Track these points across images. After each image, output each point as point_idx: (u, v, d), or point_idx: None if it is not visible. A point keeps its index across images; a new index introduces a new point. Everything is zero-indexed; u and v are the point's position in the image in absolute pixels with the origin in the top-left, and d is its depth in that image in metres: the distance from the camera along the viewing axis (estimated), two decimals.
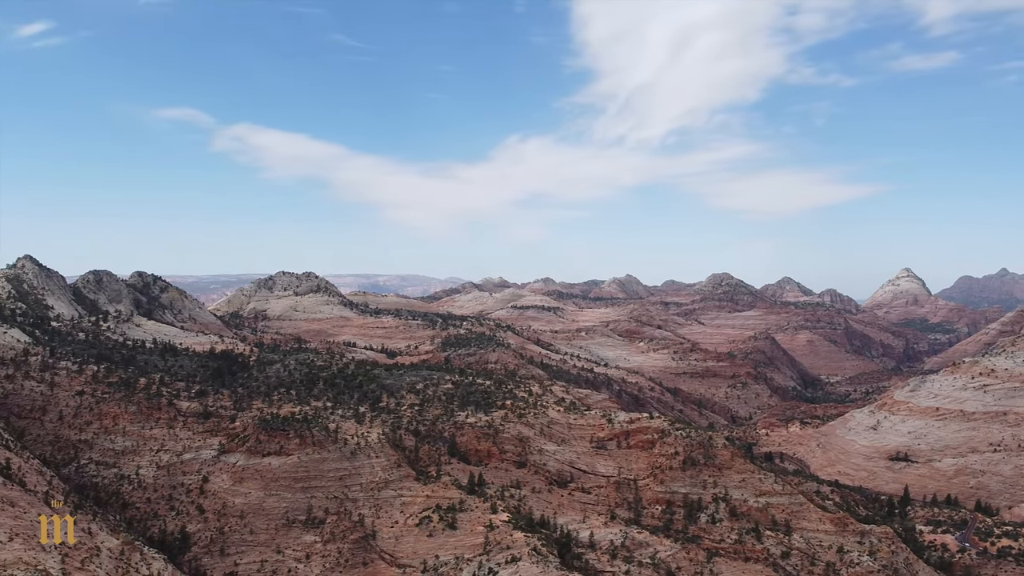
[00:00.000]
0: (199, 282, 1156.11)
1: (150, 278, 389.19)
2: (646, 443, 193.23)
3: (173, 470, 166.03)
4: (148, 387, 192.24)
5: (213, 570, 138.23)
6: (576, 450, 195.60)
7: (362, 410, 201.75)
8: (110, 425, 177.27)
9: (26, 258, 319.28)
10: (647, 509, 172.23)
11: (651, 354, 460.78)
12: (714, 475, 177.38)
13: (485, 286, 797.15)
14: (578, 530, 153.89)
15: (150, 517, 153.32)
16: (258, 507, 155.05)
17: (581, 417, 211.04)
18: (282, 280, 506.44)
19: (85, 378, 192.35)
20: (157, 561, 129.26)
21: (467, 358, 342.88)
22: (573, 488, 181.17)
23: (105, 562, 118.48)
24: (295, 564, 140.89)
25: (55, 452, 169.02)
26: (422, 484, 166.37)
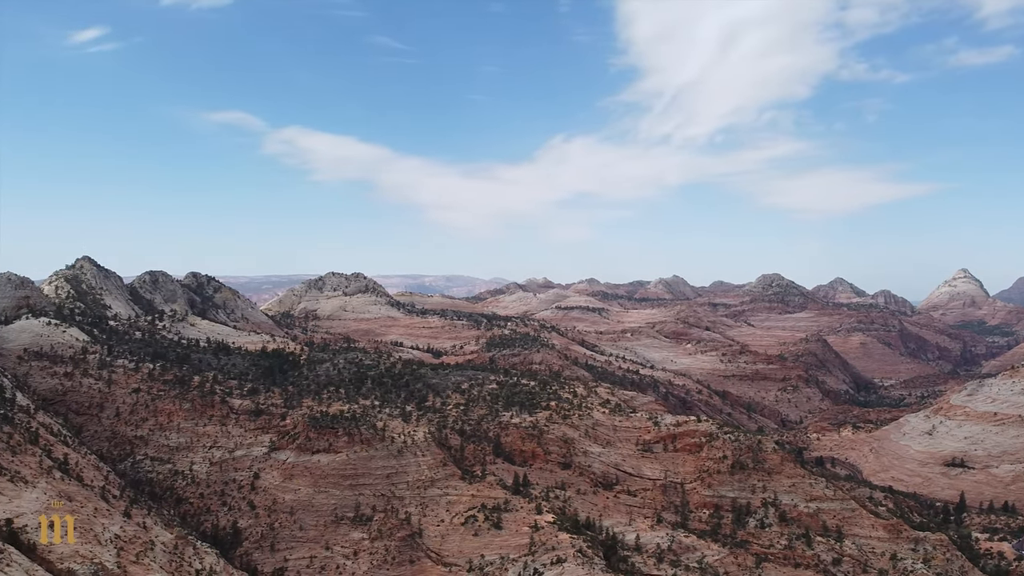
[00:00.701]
0: (251, 282, 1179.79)
1: (204, 278, 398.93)
2: (693, 446, 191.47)
3: (225, 466, 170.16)
4: (202, 385, 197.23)
5: (264, 565, 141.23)
6: (622, 452, 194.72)
7: (409, 409, 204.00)
8: (165, 422, 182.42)
9: (84, 259, 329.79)
10: (694, 513, 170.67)
11: (699, 356, 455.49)
12: (763, 479, 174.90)
13: (529, 287, 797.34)
14: (624, 533, 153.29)
15: (203, 512, 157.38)
16: (307, 504, 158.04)
17: (627, 419, 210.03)
18: (331, 280, 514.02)
19: (141, 376, 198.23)
20: (209, 556, 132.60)
21: (511, 358, 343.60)
22: (619, 491, 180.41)
23: (159, 556, 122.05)
24: (343, 561, 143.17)
25: (112, 448, 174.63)
26: (467, 483, 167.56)
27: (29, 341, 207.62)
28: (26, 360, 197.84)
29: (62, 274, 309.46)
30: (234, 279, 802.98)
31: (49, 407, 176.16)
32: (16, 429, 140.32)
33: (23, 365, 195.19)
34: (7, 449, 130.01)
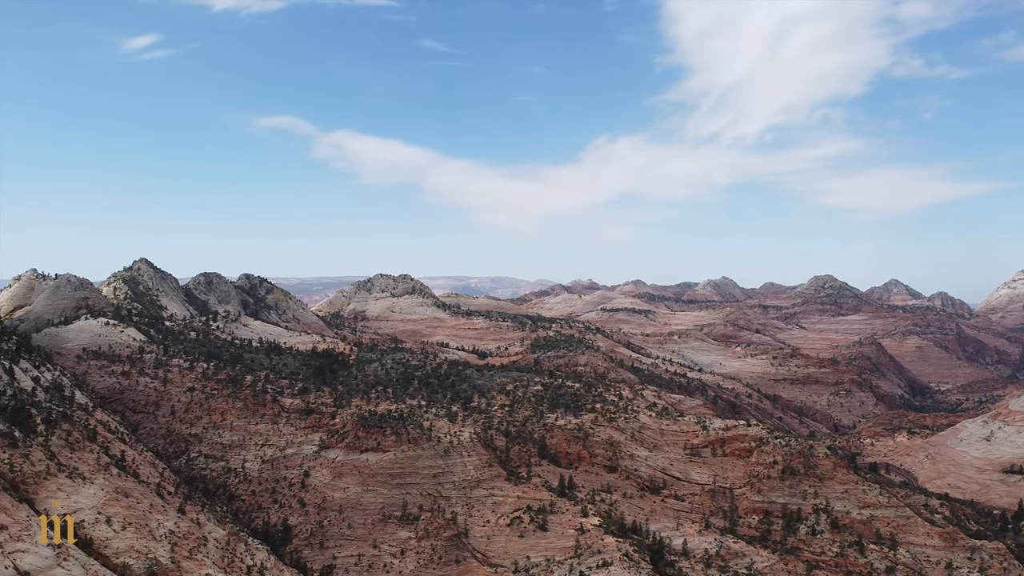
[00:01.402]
0: (302, 284, 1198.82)
1: (256, 280, 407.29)
2: (743, 451, 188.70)
3: (276, 464, 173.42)
4: (254, 384, 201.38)
5: (313, 562, 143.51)
6: (669, 456, 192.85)
7: (454, 409, 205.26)
8: (218, 420, 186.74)
9: (142, 261, 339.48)
10: (743, 519, 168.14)
11: (748, 359, 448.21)
12: (815, 485, 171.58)
13: (574, 288, 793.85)
14: (671, 537, 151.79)
15: (254, 509, 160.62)
16: (356, 502, 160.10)
17: (674, 423, 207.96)
18: (380, 282, 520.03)
19: (196, 375, 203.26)
20: (260, 552, 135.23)
21: (556, 360, 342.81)
22: (666, 495, 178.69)
23: (212, 552, 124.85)
24: (391, 559, 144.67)
25: (167, 445, 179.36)
26: (513, 484, 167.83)
27: (88, 341, 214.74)
28: (85, 359, 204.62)
29: (120, 275, 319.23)
30: (286, 280, 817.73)
31: (107, 405, 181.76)
32: (75, 427, 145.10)
33: (82, 364, 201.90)
34: (66, 446, 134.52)
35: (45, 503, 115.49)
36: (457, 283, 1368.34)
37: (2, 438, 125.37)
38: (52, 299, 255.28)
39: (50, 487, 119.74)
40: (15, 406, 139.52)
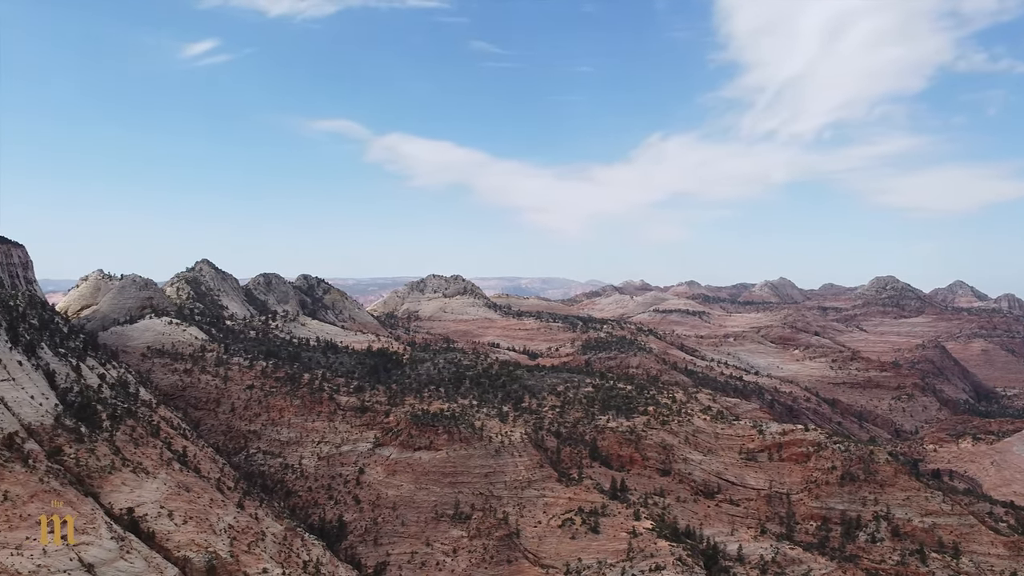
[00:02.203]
0: (358, 284, 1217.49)
1: (314, 280, 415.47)
2: (800, 456, 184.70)
3: (332, 461, 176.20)
4: (311, 382, 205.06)
5: (367, 558, 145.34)
6: (724, 460, 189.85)
7: (505, 409, 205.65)
8: (277, 417, 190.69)
9: (203, 261, 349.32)
10: (800, 525, 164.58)
11: (807, 362, 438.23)
12: (875, 492, 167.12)
13: (626, 289, 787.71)
14: (725, 543, 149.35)
15: (311, 505, 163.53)
16: (409, 500, 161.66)
17: (729, 427, 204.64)
18: (432, 283, 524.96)
19: (255, 373, 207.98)
20: (316, 548, 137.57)
21: (607, 362, 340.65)
22: (720, 499, 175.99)
23: (269, 546, 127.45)
24: (443, 558, 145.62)
25: (227, 441, 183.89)
26: (564, 486, 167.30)
27: (152, 339, 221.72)
28: (149, 357, 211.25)
29: (183, 276, 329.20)
30: (342, 281, 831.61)
31: (170, 402, 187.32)
32: (139, 422, 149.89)
33: (146, 362, 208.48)
34: (130, 441, 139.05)
35: (110, 497, 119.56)
36: (508, 284, 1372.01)
37: (69, 433, 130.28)
38: (118, 299, 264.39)
39: (115, 481, 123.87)
40: (82, 402, 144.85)
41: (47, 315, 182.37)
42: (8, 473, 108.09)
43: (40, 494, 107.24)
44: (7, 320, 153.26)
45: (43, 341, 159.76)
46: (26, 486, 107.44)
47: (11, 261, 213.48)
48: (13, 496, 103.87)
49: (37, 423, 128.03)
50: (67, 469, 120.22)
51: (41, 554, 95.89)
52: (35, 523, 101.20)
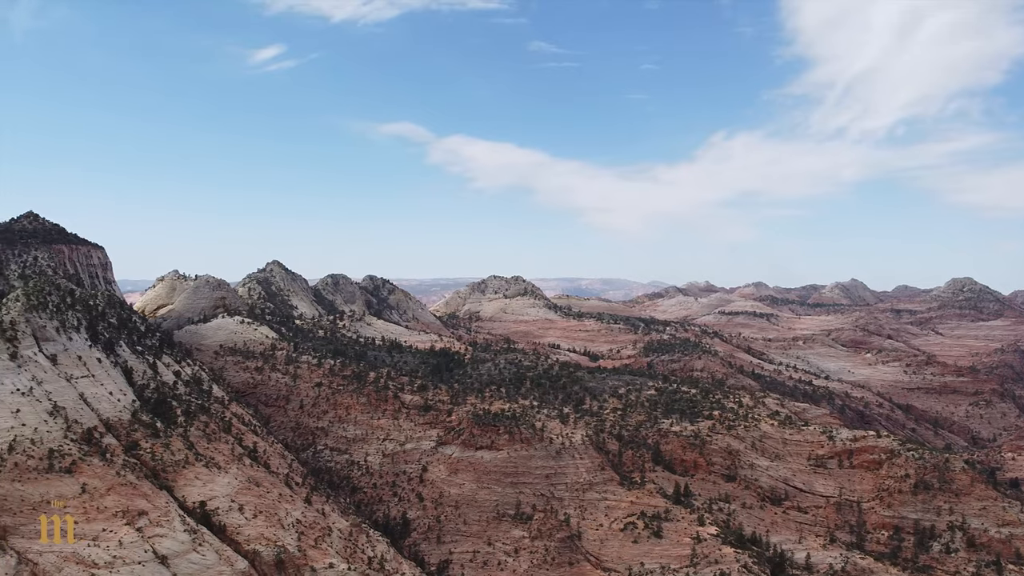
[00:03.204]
0: (421, 285, 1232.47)
1: (379, 281, 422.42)
2: (872, 463, 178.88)
3: (396, 459, 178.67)
4: (376, 380, 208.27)
5: (430, 556, 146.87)
6: (792, 467, 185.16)
7: (566, 411, 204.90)
8: (343, 414, 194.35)
9: (274, 263, 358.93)
10: (871, 534, 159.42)
11: (879, 367, 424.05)
12: (950, 501, 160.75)
13: (690, 290, 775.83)
14: (793, 551, 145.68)
15: (376, 502, 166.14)
16: (471, 498, 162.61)
17: (798, 432, 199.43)
18: (493, 283, 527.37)
19: (323, 371, 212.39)
20: (381, 544, 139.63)
21: (671, 364, 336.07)
22: (788, 506, 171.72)
23: (336, 542, 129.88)
24: (504, 557, 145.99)
25: (295, 438, 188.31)
26: (626, 489, 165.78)
27: (224, 338, 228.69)
28: (222, 355, 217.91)
29: (254, 276, 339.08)
30: (406, 281, 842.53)
31: (241, 399, 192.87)
32: (212, 418, 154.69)
33: (219, 360, 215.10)
34: (203, 437, 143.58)
35: (183, 491, 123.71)
36: (568, 284, 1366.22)
37: (145, 428, 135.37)
38: (192, 299, 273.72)
39: (188, 475, 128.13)
40: (158, 399, 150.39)
41: (125, 314, 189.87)
42: (87, 467, 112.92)
43: (117, 487, 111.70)
44: (87, 319, 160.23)
45: (121, 339, 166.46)
46: (104, 479, 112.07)
47: (91, 262, 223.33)
48: (91, 489, 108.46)
49: (115, 418, 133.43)
50: (143, 463, 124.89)
51: (117, 545, 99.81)
52: (112, 515, 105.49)
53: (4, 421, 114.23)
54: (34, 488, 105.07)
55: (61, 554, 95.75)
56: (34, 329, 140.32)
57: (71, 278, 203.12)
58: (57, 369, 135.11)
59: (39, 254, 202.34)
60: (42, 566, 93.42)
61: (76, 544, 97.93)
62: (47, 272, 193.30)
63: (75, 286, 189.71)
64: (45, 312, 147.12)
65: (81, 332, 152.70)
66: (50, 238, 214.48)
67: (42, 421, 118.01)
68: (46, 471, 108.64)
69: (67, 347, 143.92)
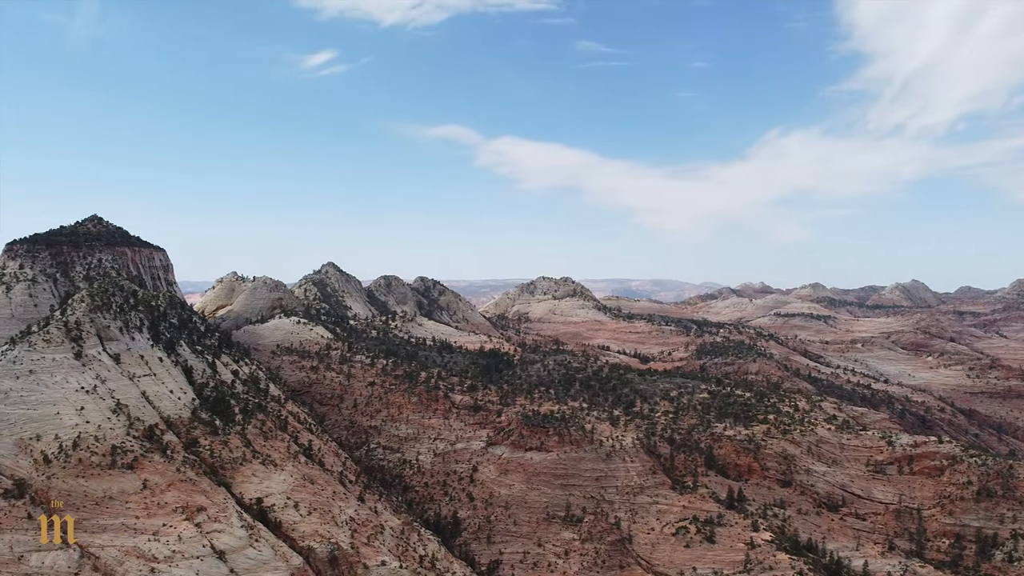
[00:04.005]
0: (471, 286, 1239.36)
1: (430, 282, 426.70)
2: (933, 469, 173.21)
3: (447, 458, 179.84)
4: (427, 380, 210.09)
5: (481, 556, 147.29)
6: (849, 473, 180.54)
7: (616, 413, 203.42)
8: (395, 414, 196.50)
9: (329, 264, 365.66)
10: (931, 542, 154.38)
11: (941, 370, 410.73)
12: (1014, 509, 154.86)
13: (744, 292, 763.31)
14: (850, 558, 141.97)
15: (427, 500, 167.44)
16: (521, 499, 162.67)
17: (856, 437, 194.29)
18: (542, 285, 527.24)
19: (376, 371, 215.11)
20: (432, 543, 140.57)
21: (724, 367, 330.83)
22: (845, 513, 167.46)
23: (388, 539, 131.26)
24: (555, 559, 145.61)
25: (350, 436, 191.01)
26: (678, 493, 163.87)
27: (281, 338, 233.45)
28: (278, 355, 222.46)
29: (310, 278, 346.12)
30: (456, 283, 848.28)
31: (297, 397, 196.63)
32: (269, 416, 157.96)
33: (276, 359, 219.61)
34: (260, 434, 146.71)
35: (240, 487, 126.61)
36: (618, 285, 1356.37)
37: (204, 426, 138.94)
38: (250, 299, 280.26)
39: (245, 472, 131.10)
40: (217, 397, 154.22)
41: (186, 315, 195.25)
42: (148, 463, 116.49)
43: (177, 483, 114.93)
44: (149, 319, 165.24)
45: (182, 339, 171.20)
46: (164, 475, 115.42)
47: (153, 264, 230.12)
48: (152, 485, 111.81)
49: (175, 416, 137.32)
50: (202, 460, 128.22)
51: (176, 540, 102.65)
52: (172, 511, 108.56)
53: (69, 418, 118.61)
54: (97, 484, 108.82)
55: (122, 548, 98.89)
56: (98, 329, 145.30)
57: (134, 279, 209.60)
58: (120, 368, 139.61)
59: (103, 256, 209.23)
60: (104, 560, 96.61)
61: (137, 539, 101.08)
62: (111, 274, 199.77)
63: (138, 287, 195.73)
64: (109, 312, 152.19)
65: (143, 332, 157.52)
66: (114, 241, 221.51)
67: (105, 418, 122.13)
68: (109, 467, 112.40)
69: (130, 346, 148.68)
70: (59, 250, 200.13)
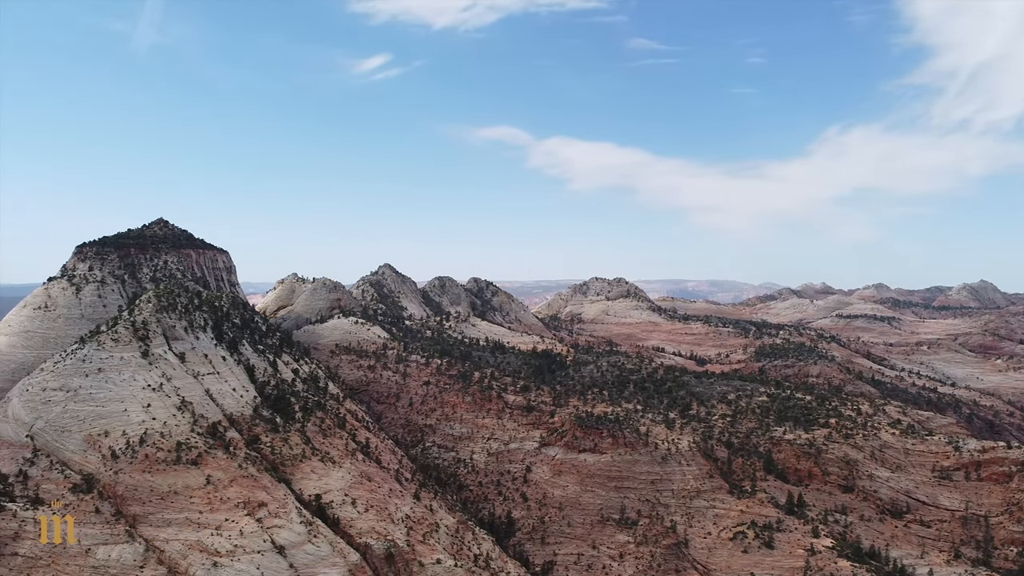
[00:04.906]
0: (523, 287, 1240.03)
1: (483, 283, 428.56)
2: (1002, 476, 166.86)
3: (501, 458, 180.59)
4: (481, 380, 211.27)
5: (534, 556, 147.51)
6: (914, 478, 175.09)
7: (672, 416, 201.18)
8: (450, 413, 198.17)
9: (385, 266, 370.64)
10: (999, 550, 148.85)
11: (1011, 373, 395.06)
12: None
13: (805, 292, 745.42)
14: (914, 566, 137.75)
15: (481, 500, 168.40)
16: (575, 501, 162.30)
17: (921, 442, 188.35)
18: (595, 285, 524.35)
19: (431, 370, 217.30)
20: (486, 542, 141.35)
21: (784, 370, 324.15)
22: (909, 520, 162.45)
23: (443, 538, 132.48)
24: (609, 562, 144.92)
25: (405, 434, 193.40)
26: (736, 498, 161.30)
27: (340, 337, 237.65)
28: (337, 354, 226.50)
29: (367, 279, 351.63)
30: (508, 283, 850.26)
31: (355, 396, 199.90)
32: (327, 414, 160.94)
33: (334, 358, 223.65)
34: (319, 432, 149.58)
35: (300, 484, 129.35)
36: (673, 286, 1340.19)
37: (265, 423, 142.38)
38: (310, 300, 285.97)
39: (305, 469, 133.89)
40: (278, 395, 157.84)
41: (248, 315, 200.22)
42: (211, 459, 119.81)
43: (239, 479, 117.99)
44: (213, 319, 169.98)
45: (244, 338, 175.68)
46: (227, 471, 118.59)
47: (216, 266, 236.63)
48: (215, 480, 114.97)
49: (238, 413, 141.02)
50: (263, 456, 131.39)
51: (238, 535, 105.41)
52: (234, 506, 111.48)
53: (136, 415, 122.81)
54: (162, 479, 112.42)
55: (186, 542, 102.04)
56: (164, 329, 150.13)
57: (198, 281, 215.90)
58: (185, 366, 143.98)
59: (169, 258, 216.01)
60: (168, 553, 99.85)
61: (200, 533, 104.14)
62: (176, 275, 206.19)
63: (202, 288, 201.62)
64: (174, 313, 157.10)
65: (207, 332, 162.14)
66: (179, 243, 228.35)
67: (171, 415, 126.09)
68: (174, 463, 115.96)
69: (194, 346, 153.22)
70: (127, 252, 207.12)
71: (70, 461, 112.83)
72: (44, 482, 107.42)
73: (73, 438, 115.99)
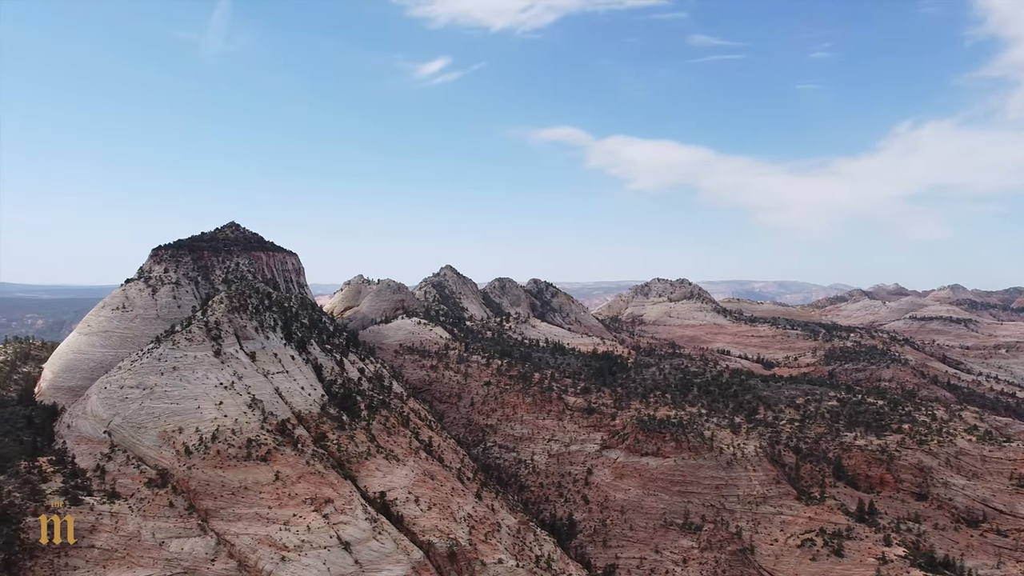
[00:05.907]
0: (583, 288, 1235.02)
1: (543, 284, 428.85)
2: None
3: (562, 459, 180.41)
4: (541, 381, 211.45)
5: (596, 559, 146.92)
6: (991, 486, 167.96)
7: (737, 420, 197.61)
8: (511, 413, 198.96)
9: (447, 267, 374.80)
10: None
11: None
12: None
13: (876, 294, 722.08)
14: None
15: (542, 501, 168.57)
16: (637, 504, 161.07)
17: (999, 449, 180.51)
18: (657, 286, 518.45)
19: (491, 371, 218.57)
20: (548, 543, 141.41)
21: (855, 374, 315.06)
22: (985, 529, 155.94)
23: (504, 538, 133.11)
24: (673, 567, 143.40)
25: (467, 434, 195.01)
26: (804, 504, 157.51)
27: (403, 337, 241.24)
28: (401, 353, 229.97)
29: (429, 280, 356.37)
30: (568, 285, 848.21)
31: (418, 395, 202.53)
32: (392, 413, 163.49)
33: (398, 358, 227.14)
34: (384, 430, 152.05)
35: (365, 481, 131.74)
36: (738, 287, 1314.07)
37: (332, 421, 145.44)
38: (375, 301, 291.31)
39: (370, 466, 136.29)
40: (344, 393, 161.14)
41: (316, 315, 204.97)
42: (280, 456, 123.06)
43: (307, 476, 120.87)
44: (282, 320, 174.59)
45: (312, 338, 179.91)
46: (295, 468, 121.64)
47: (286, 267, 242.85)
48: (284, 477, 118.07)
49: (306, 411, 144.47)
50: (330, 453, 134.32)
51: (306, 530, 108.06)
52: (301, 502, 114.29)
53: (208, 412, 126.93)
54: (233, 474, 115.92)
55: (256, 536, 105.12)
56: (236, 329, 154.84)
57: (268, 282, 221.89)
58: (256, 365, 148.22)
59: (240, 260, 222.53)
60: (238, 547, 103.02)
61: (269, 528, 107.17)
62: (247, 277, 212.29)
63: (272, 289, 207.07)
64: (245, 313, 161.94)
65: (277, 331, 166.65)
66: (250, 246, 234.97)
67: (242, 413, 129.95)
68: (244, 459, 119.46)
69: (265, 345, 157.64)
70: (200, 255, 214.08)
71: (145, 456, 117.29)
72: (121, 476, 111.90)
73: (148, 434, 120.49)
